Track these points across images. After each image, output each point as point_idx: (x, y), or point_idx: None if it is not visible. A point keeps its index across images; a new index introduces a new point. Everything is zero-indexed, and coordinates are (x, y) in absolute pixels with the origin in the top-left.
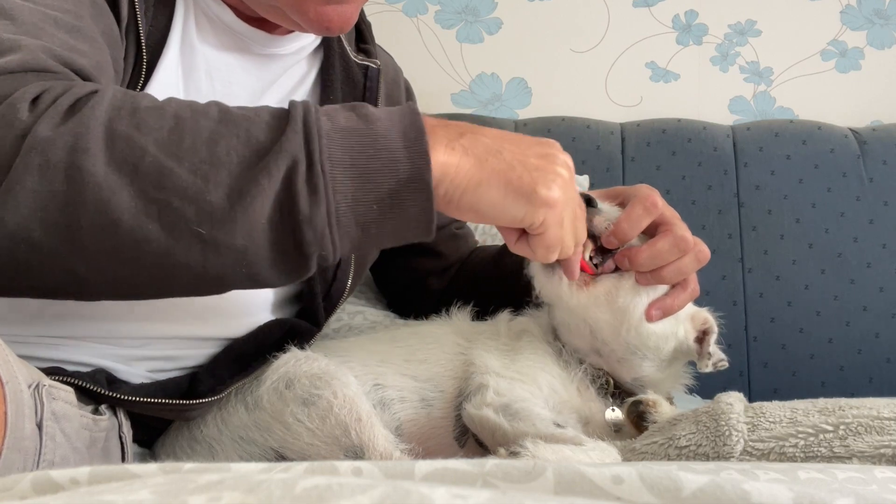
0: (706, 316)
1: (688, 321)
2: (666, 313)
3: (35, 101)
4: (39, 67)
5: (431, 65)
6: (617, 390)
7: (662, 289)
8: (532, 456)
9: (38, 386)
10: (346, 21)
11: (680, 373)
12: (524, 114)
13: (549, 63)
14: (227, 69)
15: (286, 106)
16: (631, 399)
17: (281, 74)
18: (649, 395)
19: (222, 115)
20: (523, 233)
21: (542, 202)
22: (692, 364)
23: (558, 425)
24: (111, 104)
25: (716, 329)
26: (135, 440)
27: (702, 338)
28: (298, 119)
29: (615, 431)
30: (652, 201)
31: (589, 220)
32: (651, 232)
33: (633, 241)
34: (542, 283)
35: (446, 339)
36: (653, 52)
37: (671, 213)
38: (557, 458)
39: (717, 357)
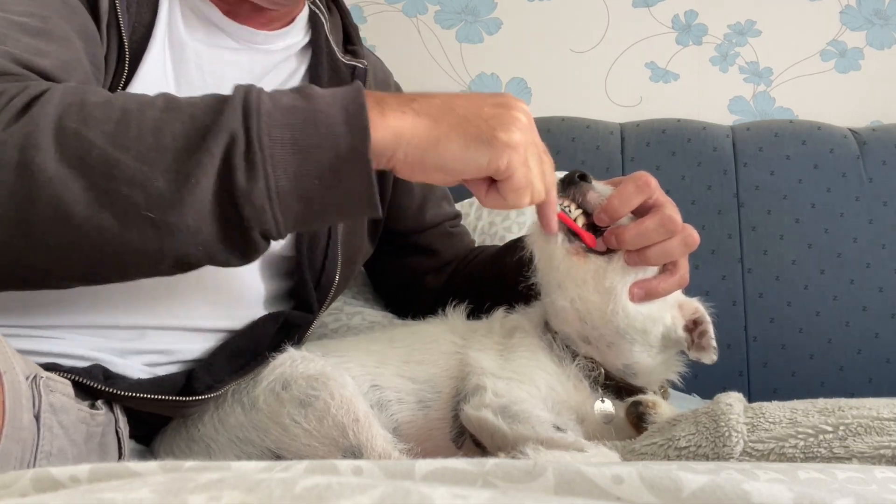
0: (696, 306)
1: (675, 308)
2: (649, 295)
3: None
4: None
5: (431, 65)
6: (609, 381)
7: (651, 271)
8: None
9: (35, 378)
10: None
11: (672, 361)
12: None
13: (548, 63)
14: (218, 64)
15: None
16: (630, 399)
17: (270, 70)
18: (648, 396)
19: (168, 103)
20: (492, 183)
21: (503, 144)
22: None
23: (558, 428)
24: (61, 101)
25: (708, 319)
26: (133, 437)
27: (692, 327)
28: (238, 98)
29: (606, 423)
30: (644, 181)
31: (582, 195)
32: (643, 214)
33: (623, 220)
34: (539, 246)
35: (443, 338)
36: (652, 53)
37: (664, 197)
38: None
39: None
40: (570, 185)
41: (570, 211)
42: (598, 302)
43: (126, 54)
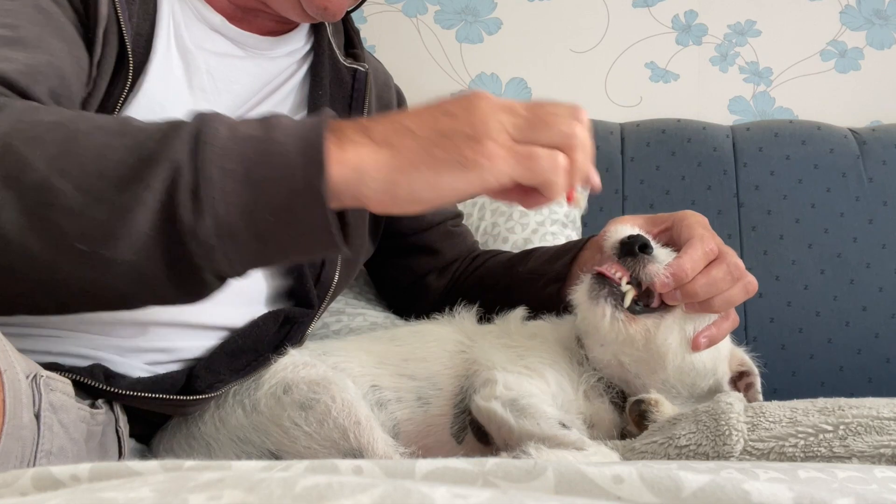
0: (743, 357)
1: (726, 361)
2: (712, 342)
3: None
4: None
5: (431, 65)
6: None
7: (706, 319)
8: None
9: (35, 377)
10: (340, 7)
11: None
12: None
13: (548, 63)
14: (228, 70)
15: (279, 104)
16: (633, 398)
17: (276, 75)
18: (651, 395)
19: (120, 127)
20: (519, 187)
21: (475, 164)
22: None
23: (564, 425)
24: (15, 119)
25: (756, 371)
26: (132, 435)
27: (737, 378)
28: (190, 128)
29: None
30: (710, 247)
31: (642, 267)
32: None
33: (660, 254)
34: (584, 313)
35: (448, 337)
36: (652, 53)
37: (722, 244)
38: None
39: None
40: (630, 256)
41: (622, 285)
42: (646, 359)
43: (129, 63)
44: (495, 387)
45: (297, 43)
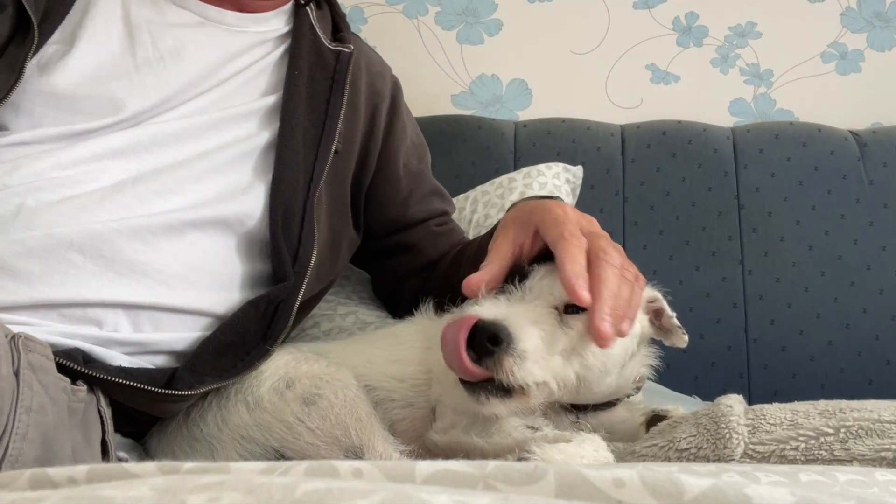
0: (650, 293)
1: (640, 312)
2: (632, 319)
3: None
4: None
5: (432, 66)
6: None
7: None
8: (541, 459)
9: (14, 337)
10: None
11: (644, 358)
12: (524, 115)
13: (549, 65)
14: (176, 37)
15: (248, 82)
16: (652, 411)
17: (244, 51)
18: (670, 408)
19: None
20: None
21: None
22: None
23: (532, 428)
24: None
25: (660, 295)
26: (121, 431)
27: (656, 317)
28: None
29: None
30: (579, 239)
31: (509, 371)
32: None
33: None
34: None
35: (414, 339)
36: (653, 54)
37: (586, 223)
38: (564, 458)
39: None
40: (487, 356)
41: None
42: (563, 396)
43: (33, 22)
44: (446, 415)
45: (275, 24)
